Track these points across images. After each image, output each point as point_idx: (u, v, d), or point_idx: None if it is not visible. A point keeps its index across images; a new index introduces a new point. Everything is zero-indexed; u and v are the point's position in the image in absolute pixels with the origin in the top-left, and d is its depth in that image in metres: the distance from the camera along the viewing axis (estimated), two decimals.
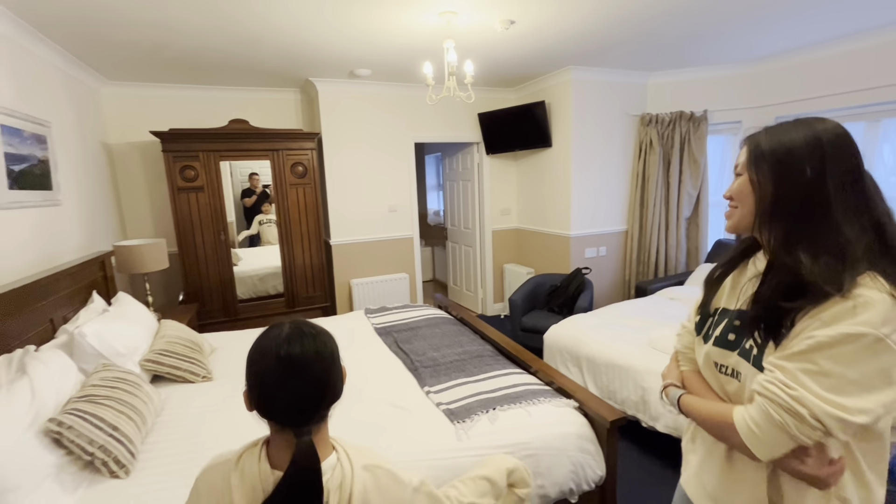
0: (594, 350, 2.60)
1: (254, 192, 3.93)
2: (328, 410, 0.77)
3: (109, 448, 1.39)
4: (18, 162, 2.20)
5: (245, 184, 3.91)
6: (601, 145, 3.92)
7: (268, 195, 3.95)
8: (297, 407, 0.72)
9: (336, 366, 0.77)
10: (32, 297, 1.78)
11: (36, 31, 2.39)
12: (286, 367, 0.70)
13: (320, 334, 0.76)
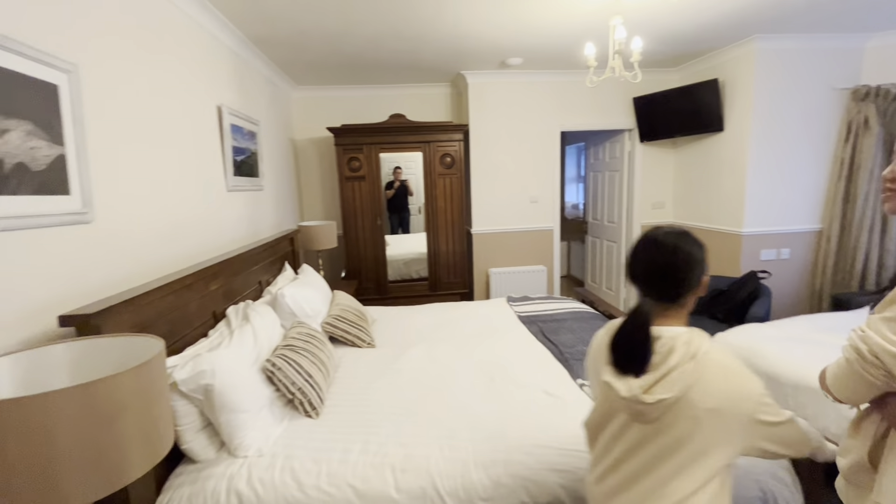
0: (779, 367, 2.20)
1: (394, 184, 4.26)
2: (678, 295, 0.91)
3: (305, 391, 1.63)
4: (239, 154, 2.72)
5: (389, 176, 4.23)
6: (790, 127, 3.29)
7: (405, 188, 4.25)
8: (647, 278, 0.92)
9: (691, 263, 0.90)
10: (249, 262, 2.19)
11: (252, 44, 2.90)
12: (648, 244, 0.93)
13: (687, 237, 0.92)
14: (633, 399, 0.85)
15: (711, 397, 0.82)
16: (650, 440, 0.87)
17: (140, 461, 0.75)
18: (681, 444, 0.84)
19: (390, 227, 4.37)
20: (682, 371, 0.82)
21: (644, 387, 0.85)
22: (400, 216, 4.46)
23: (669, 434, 0.84)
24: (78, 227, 1.35)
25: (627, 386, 0.86)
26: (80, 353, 0.84)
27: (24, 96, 1.16)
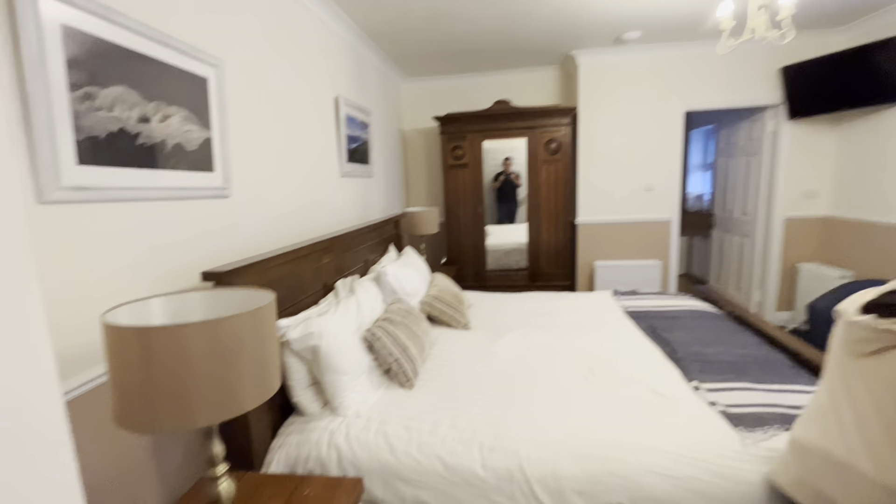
0: None
1: (502, 175, 4.19)
2: None
3: (401, 362, 1.70)
4: (352, 142, 2.92)
5: (494, 166, 4.18)
6: None
7: (511, 181, 4.16)
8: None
9: None
10: (357, 241, 2.35)
11: (367, 37, 3.09)
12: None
13: None
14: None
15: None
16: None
17: (253, 394, 0.84)
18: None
19: (497, 216, 4.35)
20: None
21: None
22: (508, 207, 4.41)
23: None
24: (219, 200, 1.57)
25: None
26: (211, 300, 0.97)
27: (182, 87, 1.37)
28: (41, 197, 0.97)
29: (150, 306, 0.88)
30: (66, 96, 1.01)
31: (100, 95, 1.10)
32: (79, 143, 1.04)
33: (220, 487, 0.92)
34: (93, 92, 1.08)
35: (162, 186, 1.29)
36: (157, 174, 1.27)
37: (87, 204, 1.07)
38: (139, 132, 1.22)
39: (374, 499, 1.32)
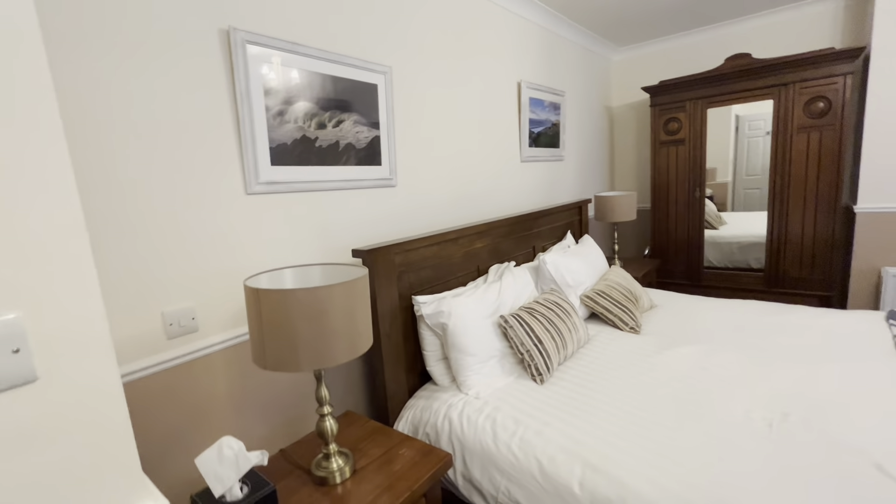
0: None
1: None
2: None
3: (533, 354, 1.64)
4: (537, 126, 2.88)
5: (719, 135, 3.32)
6: None
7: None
8: None
9: None
10: (521, 227, 2.33)
11: (562, 15, 2.93)
12: None
13: None
14: None
15: None
16: None
17: (343, 351, 1.05)
18: None
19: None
20: None
21: None
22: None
23: None
24: (386, 189, 1.84)
25: None
26: (327, 272, 1.19)
27: (353, 95, 1.66)
28: (248, 189, 1.37)
29: (284, 275, 1.16)
30: (263, 116, 1.39)
31: (288, 111, 1.46)
32: (272, 150, 1.42)
33: (325, 423, 1.15)
34: (283, 109, 1.45)
35: (334, 179, 1.62)
36: (330, 170, 1.60)
37: (277, 195, 1.46)
38: (317, 137, 1.55)
39: (471, 478, 1.36)
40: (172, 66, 1.18)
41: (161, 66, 1.16)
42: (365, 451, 1.28)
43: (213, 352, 1.30)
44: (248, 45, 1.33)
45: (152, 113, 1.15)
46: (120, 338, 1.12)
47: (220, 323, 1.32)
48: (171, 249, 1.21)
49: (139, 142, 1.13)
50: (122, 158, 1.10)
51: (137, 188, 1.13)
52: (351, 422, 1.45)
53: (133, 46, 1.11)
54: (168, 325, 1.21)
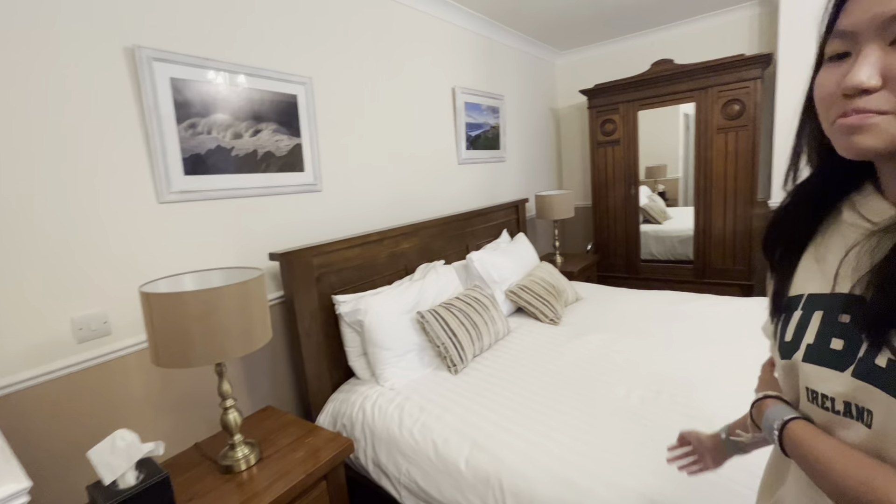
0: None
1: None
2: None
3: (448, 347, 1.76)
4: (475, 129, 3.00)
5: (649, 137, 3.52)
6: None
7: None
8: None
9: None
10: (452, 227, 2.45)
11: (499, 23, 3.06)
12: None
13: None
14: None
15: None
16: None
17: (237, 346, 1.14)
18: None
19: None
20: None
21: None
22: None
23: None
24: (311, 194, 1.93)
25: None
26: (229, 275, 1.27)
27: (272, 106, 1.75)
28: (160, 199, 1.44)
29: (183, 279, 1.24)
30: (173, 129, 1.46)
31: (201, 123, 1.53)
32: (185, 160, 1.49)
33: (229, 417, 1.24)
34: (196, 122, 1.52)
35: (254, 186, 1.70)
36: (248, 177, 1.68)
37: (192, 203, 1.53)
38: (233, 146, 1.63)
39: (379, 463, 1.47)
40: (82, 83, 1.25)
41: (70, 82, 1.22)
42: (273, 442, 1.37)
43: (127, 354, 1.37)
44: (154, 63, 1.40)
45: (62, 123, 1.21)
46: (26, 344, 1.18)
47: (135, 326, 1.39)
48: (81, 256, 1.27)
49: (49, 152, 1.19)
50: (25, 171, 1.17)
51: (46, 198, 1.20)
52: (268, 416, 1.54)
53: (47, 60, 1.17)
54: (78, 329, 1.27)
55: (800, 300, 0.53)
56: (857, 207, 0.51)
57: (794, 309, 0.53)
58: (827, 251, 0.52)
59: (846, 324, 0.47)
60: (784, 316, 0.55)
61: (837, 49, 0.46)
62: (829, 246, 0.53)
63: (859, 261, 0.47)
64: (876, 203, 0.49)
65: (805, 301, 0.53)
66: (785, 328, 0.54)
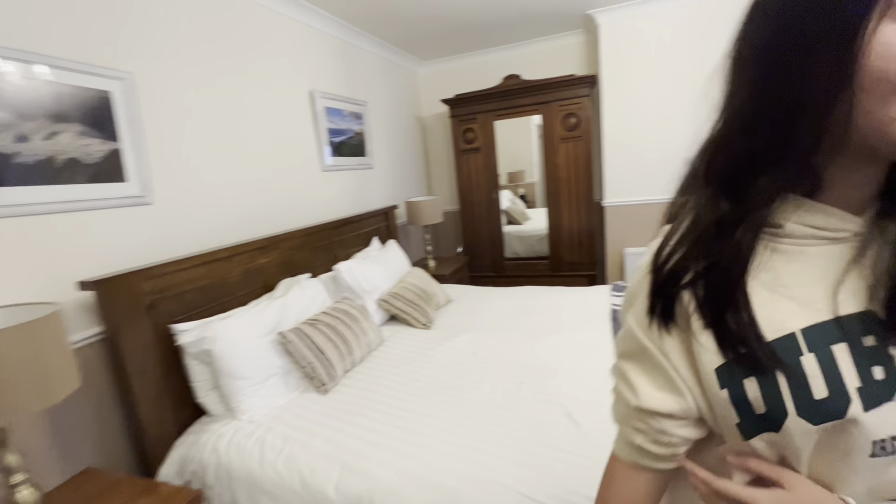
0: None
1: None
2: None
3: (315, 366, 1.65)
4: (338, 135, 2.90)
5: (507, 146, 3.88)
6: None
7: None
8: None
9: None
10: (319, 238, 2.33)
11: (354, 26, 3.02)
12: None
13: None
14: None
15: None
16: None
17: (29, 401, 0.90)
18: None
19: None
20: None
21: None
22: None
23: None
24: (138, 208, 1.64)
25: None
26: (19, 312, 1.01)
27: (73, 103, 1.44)
28: None
29: None
30: None
31: None
32: None
33: (18, 496, 0.97)
34: None
35: (54, 200, 1.38)
36: (41, 190, 1.36)
37: None
38: (17, 152, 1.30)
39: None
40: None
41: None
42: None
43: None
44: None
45: None
46: None
47: None
48: None
49: None
50: None
51: None
52: (87, 480, 1.26)
53: None
54: None
55: (793, 341, 0.40)
56: (804, 221, 0.41)
57: (796, 354, 0.39)
58: (781, 276, 0.41)
59: (875, 346, 0.39)
60: (781, 369, 0.39)
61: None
62: (779, 271, 0.41)
63: (862, 274, 0.41)
64: (829, 211, 0.41)
65: (806, 340, 0.40)
66: (800, 383, 0.39)
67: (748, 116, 0.40)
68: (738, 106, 0.41)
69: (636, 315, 0.46)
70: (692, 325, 0.42)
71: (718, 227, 0.41)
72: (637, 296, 0.46)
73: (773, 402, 0.39)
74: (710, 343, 0.41)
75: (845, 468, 0.40)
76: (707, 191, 0.43)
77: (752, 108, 0.40)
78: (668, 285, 0.43)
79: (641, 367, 0.46)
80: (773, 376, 0.40)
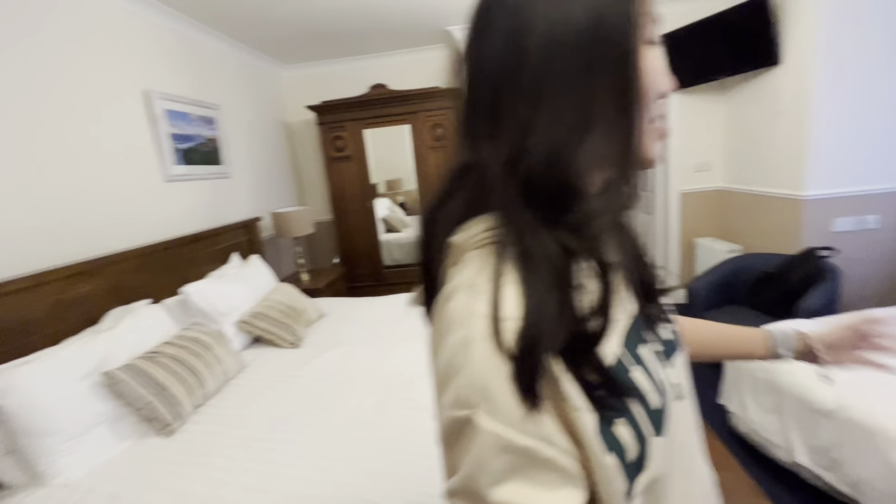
0: (810, 385, 1.57)
1: None
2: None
3: (155, 406, 1.44)
4: (186, 141, 2.60)
5: (379, 154, 3.92)
6: (878, 49, 2.37)
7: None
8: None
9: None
10: (161, 258, 2.05)
11: (204, 25, 2.74)
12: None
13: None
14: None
15: None
16: None
17: None
18: None
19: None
20: None
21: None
22: None
23: None
24: None
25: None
26: None
27: None
28: None
29: None
30: None
31: None
32: None
33: None
34: None
35: None
36: None
37: None
38: None
39: None
40: None
41: None
42: None
43: None
44: None
45: None
46: None
47: None
48: None
49: None
50: None
51: None
52: None
53: None
54: None
55: (622, 361, 0.38)
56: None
57: (628, 373, 0.38)
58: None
59: (645, 329, 0.44)
60: (634, 394, 0.38)
61: (655, 37, 0.39)
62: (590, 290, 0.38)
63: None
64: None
65: (631, 354, 0.39)
66: (643, 400, 0.38)
67: (561, 139, 0.36)
68: (544, 125, 0.36)
69: (501, 415, 0.32)
70: (562, 388, 0.33)
71: (567, 262, 0.35)
72: (488, 388, 0.32)
73: (638, 436, 0.36)
74: (582, 400, 0.34)
75: (679, 434, 0.42)
76: (530, 219, 0.36)
77: (559, 129, 0.36)
78: (533, 355, 0.32)
79: (530, 477, 0.32)
80: (629, 409, 0.36)
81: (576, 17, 0.35)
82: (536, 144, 0.36)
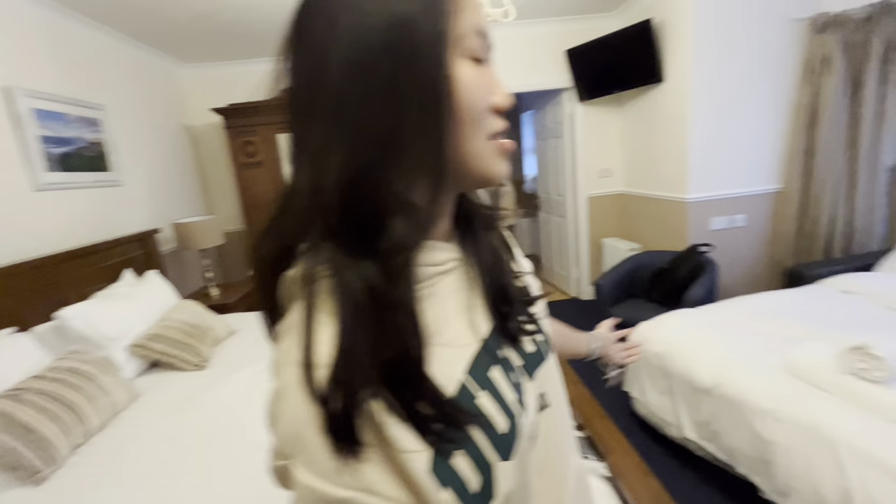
0: (693, 367, 1.76)
1: None
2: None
3: (19, 452, 1.25)
4: (63, 144, 2.29)
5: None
6: (741, 70, 2.75)
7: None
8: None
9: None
10: (29, 280, 1.79)
11: (84, 16, 2.44)
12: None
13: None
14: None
15: None
16: None
17: None
18: None
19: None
20: None
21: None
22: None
23: None
24: None
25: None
26: None
27: None
28: None
29: None
30: None
31: None
32: None
33: None
34: None
35: None
36: None
37: None
38: None
39: None
40: None
41: None
42: None
43: None
44: None
45: None
46: None
47: None
48: None
49: None
50: None
51: None
52: None
53: None
54: None
55: (466, 388, 0.37)
56: (424, 261, 0.39)
57: (472, 399, 0.37)
58: (429, 327, 0.35)
59: (504, 352, 0.43)
60: (475, 421, 0.36)
61: (480, 52, 0.38)
62: (427, 321, 0.35)
63: (477, 293, 0.44)
64: (436, 245, 0.41)
65: (475, 380, 0.38)
66: (488, 426, 0.37)
67: (361, 163, 0.34)
68: (346, 148, 0.34)
69: (316, 467, 0.30)
70: (386, 431, 0.31)
71: (375, 298, 0.33)
72: (303, 440, 0.31)
73: (481, 465, 0.35)
74: (412, 441, 0.32)
75: (547, 442, 0.45)
76: (335, 250, 0.34)
77: (360, 154, 0.34)
78: (346, 401, 0.30)
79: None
80: (471, 437, 0.35)
81: (376, 33, 0.33)
82: (337, 169, 0.33)
